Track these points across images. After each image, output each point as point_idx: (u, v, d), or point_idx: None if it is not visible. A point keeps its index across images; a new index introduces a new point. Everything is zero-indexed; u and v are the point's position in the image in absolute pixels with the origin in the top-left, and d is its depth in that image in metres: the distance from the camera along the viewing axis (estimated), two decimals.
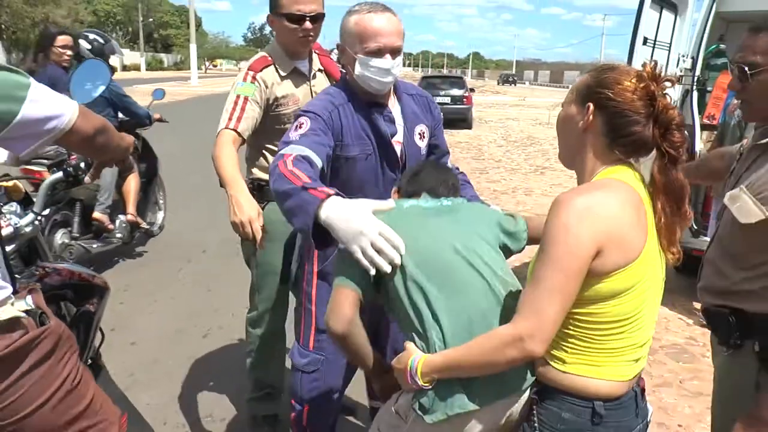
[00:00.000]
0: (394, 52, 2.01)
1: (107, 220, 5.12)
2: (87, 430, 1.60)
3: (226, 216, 2.19)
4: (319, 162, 1.86)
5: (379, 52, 1.99)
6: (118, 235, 5.27)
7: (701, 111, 5.13)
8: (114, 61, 5.33)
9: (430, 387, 1.49)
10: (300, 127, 1.96)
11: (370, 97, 2.10)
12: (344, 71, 2.20)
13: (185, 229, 6.35)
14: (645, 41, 4.59)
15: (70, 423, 1.55)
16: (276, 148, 2.40)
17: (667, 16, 4.89)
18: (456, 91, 18.67)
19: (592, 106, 1.42)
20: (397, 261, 1.53)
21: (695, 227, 4.67)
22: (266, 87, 2.51)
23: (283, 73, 2.57)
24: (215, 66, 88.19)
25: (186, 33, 57.67)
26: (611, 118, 1.41)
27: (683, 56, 5.08)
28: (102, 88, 2.30)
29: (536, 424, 1.45)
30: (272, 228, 2.36)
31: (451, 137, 16.30)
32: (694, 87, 5.03)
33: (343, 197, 1.63)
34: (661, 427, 3.14)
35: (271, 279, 2.64)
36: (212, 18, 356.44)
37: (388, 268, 1.52)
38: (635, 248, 1.35)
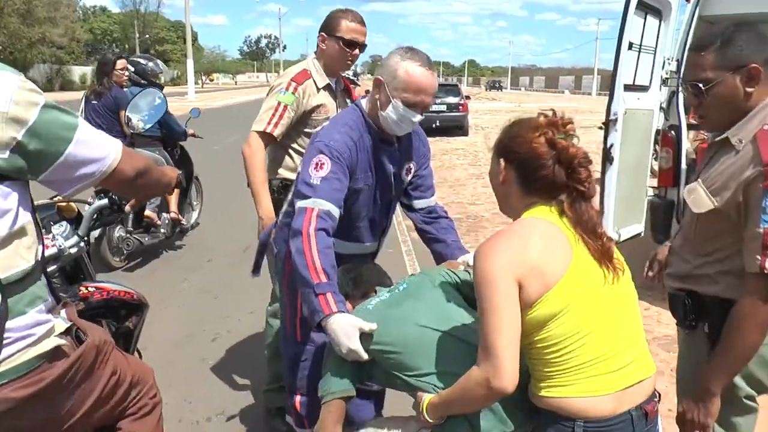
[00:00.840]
0: (425, 109, 2.19)
1: (156, 217, 5.91)
2: (135, 398, 1.78)
3: (232, 226, 2.50)
4: (337, 212, 2.07)
5: (414, 106, 2.14)
6: (163, 230, 5.98)
7: (687, 111, 5.27)
8: (160, 78, 6.13)
9: (440, 422, 1.65)
10: (320, 168, 2.08)
11: (382, 134, 2.26)
12: (364, 98, 2.32)
13: (190, 239, 6.50)
14: (630, 46, 4.75)
15: (120, 402, 1.72)
16: (301, 149, 2.87)
17: (652, 21, 5.05)
18: (452, 99, 18.76)
19: (503, 162, 1.59)
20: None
21: None
22: (303, 98, 2.93)
23: (319, 86, 2.99)
24: (212, 80, 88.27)
25: (182, 48, 57.94)
26: (520, 168, 1.56)
27: (668, 59, 5.24)
28: (161, 115, 2.46)
29: None
30: None
31: (448, 144, 16.51)
32: (680, 89, 5.16)
33: (345, 312, 1.85)
34: None
35: None
36: (208, 32, 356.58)
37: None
38: (554, 274, 1.46)
